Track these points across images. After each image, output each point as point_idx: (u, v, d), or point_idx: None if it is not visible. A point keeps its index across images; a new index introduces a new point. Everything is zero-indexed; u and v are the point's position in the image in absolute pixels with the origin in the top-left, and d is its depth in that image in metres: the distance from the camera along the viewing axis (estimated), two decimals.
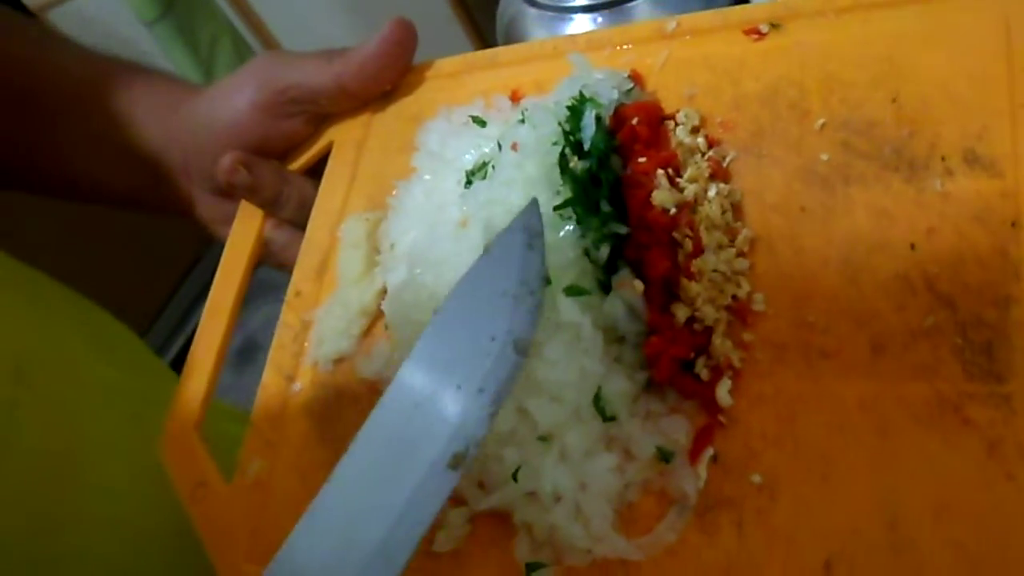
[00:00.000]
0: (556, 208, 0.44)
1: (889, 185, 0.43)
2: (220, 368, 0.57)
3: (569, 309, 0.43)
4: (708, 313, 0.42)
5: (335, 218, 0.57)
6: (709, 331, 0.43)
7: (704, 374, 0.42)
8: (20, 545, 0.54)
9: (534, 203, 0.43)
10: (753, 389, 0.42)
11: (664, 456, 0.42)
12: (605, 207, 0.44)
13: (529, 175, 0.45)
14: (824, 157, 0.45)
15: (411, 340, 0.47)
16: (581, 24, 0.80)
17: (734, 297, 0.44)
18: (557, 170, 0.45)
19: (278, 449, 0.53)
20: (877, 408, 0.40)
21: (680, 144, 0.47)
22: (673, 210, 0.43)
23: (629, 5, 0.73)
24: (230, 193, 0.60)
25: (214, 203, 0.63)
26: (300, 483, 0.51)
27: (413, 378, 0.41)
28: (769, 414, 0.42)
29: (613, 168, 0.45)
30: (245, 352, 2.08)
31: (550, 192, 0.45)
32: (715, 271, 0.43)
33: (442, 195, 0.50)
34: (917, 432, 0.39)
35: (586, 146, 0.45)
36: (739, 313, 0.43)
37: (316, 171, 0.60)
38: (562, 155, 0.45)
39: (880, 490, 0.38)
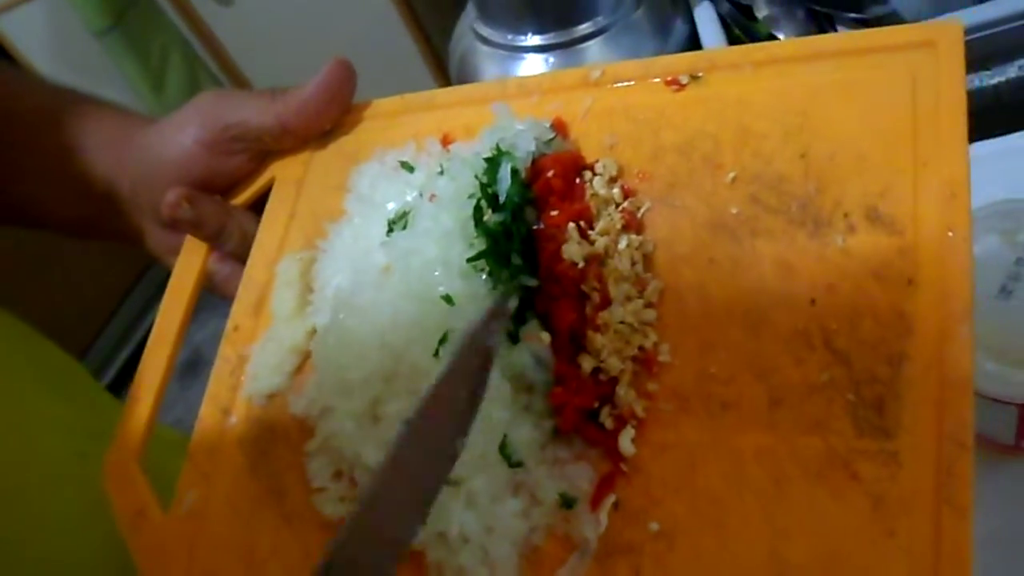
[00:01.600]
0: (469, 260, 0.45)
1: (794, 240, 0.44)
2: (162, 397, 0.58)
3: None
4: (613, 364, 0.44)
5: (273, 255, 0.58)
6: (614, 381, 0.44)
7: (608, 423, 0.43)
8: None
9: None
10: (656, 438, 0.43)
11: (567, 502, 0.43)
12: (516, 260, 0.45)
13: (445, 227, 0.46)
14: (734, 210, 0.46)
15: (333, 382, 0.48)
16: (533, 63, 0.80)
17: (641, 347, 0.44)
18: (472, 222, 0.46)
19: (213, 481, 0.54)
20: (772, 461, 0.41)
21: (595, 195, 0.48)
22: (582, 263, 0.45)
23: (581, 46, 0.73)
24: (174, 227, 0.61)
25: (163, 234, 0.64)
26: (233, 515, 0.53)
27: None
28: (670, 463, 0.43)
29: (527, 221, 0.46)
30: (191, 366, 2.10)
31: (464, 244, 0.46)
32: (622, 323, 0.44)
33: (368, 240, 0.51)
34: (808, 486, 0.40)
35: (501, 199, 0.46)
36: (645, 363, 0.44)
37: (260, 206, 0.61)
38: (477, 207, 0.46)
39: (772, 542, 0.39)
